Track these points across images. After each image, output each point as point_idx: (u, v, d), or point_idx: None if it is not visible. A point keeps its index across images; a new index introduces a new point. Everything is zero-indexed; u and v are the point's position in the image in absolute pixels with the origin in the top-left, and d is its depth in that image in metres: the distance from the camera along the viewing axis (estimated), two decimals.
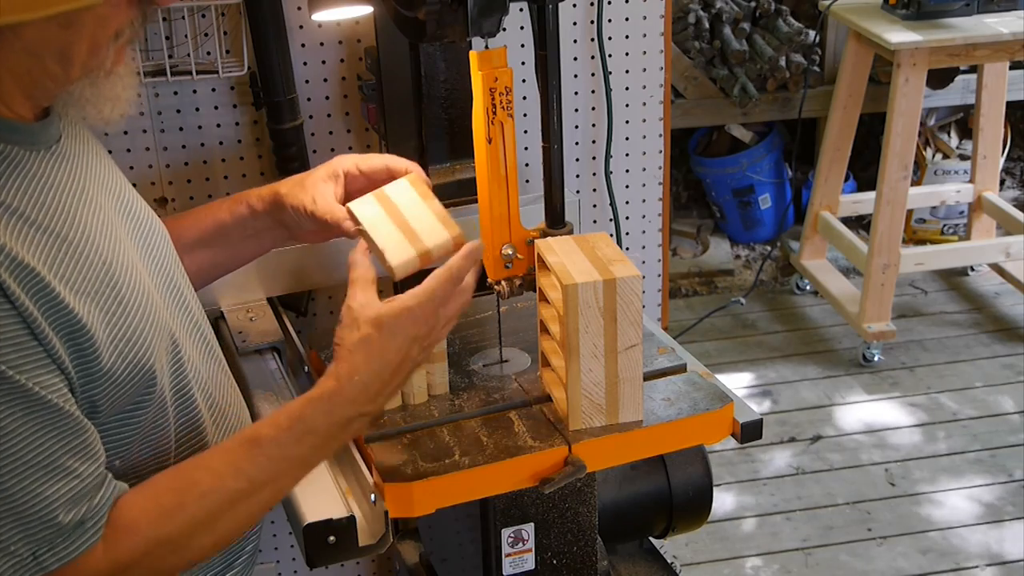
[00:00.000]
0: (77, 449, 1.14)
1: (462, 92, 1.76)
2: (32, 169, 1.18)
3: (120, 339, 1.19)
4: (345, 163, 1.53)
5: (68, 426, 1.13)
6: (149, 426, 1.25)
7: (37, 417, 1.10)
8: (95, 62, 1.17)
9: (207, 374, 1.39)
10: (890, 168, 3.69)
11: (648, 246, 2.28)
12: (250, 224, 1.56)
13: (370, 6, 1.78)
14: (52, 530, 1.12)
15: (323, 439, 1.26)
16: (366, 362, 1.26)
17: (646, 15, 2.11)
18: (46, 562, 1.12)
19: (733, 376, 3.86)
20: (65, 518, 1.12)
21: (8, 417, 1.08)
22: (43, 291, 1.11)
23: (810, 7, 4.42)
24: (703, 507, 1.77)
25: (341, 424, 1.27)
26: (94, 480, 1.15)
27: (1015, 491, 3.29)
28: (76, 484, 1.13)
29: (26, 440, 1.10)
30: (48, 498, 1.11)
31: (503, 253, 1.53)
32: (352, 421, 1.27)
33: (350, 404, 1.26)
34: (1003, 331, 4.09)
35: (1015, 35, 3.56)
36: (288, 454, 1.24)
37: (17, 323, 1.09)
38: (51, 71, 1.15)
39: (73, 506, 1.13)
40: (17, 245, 1.10)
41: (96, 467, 1.16)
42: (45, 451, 1.11)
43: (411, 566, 1.83)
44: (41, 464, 1.11)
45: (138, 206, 1.38)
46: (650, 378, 1.53)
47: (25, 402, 1.09)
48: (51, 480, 1.11)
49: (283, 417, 1.25)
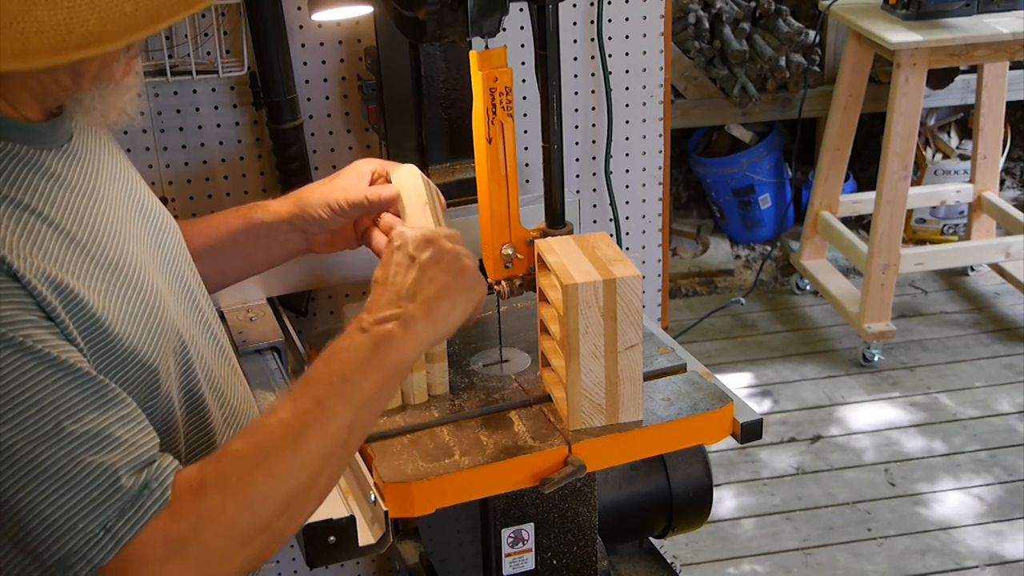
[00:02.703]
0: (125, 419, 1.10)
1: (462, 92, 1.76)
2: (43, 167, 1.18)
3: (129, 335, 1.18)
4: (371, 164, 1.59)
5: (108, 397, 1.09)
6: (159, 426, 1.24)
7: (72, 385, 1.07)
8: (106, 75, 1.18)
9: (218, 372, 1.39)
10: (890, 168, 3.69)
11: (648, 246, 2.28)
12: (264, 232, 1.57)
13: (370, 6, 1.78)
14: (117, 497, 1.07)
15: (376, 355, 1.22)
16: (394, 266, 1.28)
17: (646, 15, 2.11)
18: (119, 532, 1.07)
19: (733, 376, 3.86)
20: (128, 482, 1.07)
21: (47, 395, 1.05)
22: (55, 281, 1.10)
23: (810, 7, 4.42)
24: (703, 507, 1.77)
25: (385, 336, 1.22)
26: (149, 446, 1.11)
27: (1015, 491, 3.28)
28: (131, 451, 1.09)
29: (70, 412, 1.06)
30: (105, 466, 1.07)
31: (503, 253, 1.53)
32: (392, 326, 1.23)
33: (385, 307, 1.25)
34: (1003, 331, 4.09)
35: (1015, 35, 3.56)
36: (344, 394, 1.19)
37: (32, 305, 1.07)
38: (63, 83, 1.16)
39: (134, 472, 1.08)
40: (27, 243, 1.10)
41: (148, 435, 1.12)
42: (91, 421, 1.07)
43: (411, 566, 1.83)
44: (90, 435, 1.07)
45: (151, 204, 1.38)
46: (650, 378, 1.53)
47: (57, 371, 1.06)
48: (105, 450, 1.07)
49: (329, 355, 1.21)
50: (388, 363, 1.22)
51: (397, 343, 1.23)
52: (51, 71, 1.13)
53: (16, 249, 1.08)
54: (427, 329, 1.26)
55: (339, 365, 1.20)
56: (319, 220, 1.56)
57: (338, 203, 1.54)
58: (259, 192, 2.04)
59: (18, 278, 1.07)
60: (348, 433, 1.18)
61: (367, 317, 1.25)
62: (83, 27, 1.04)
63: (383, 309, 1.25)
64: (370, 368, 1.21)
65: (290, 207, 1.57)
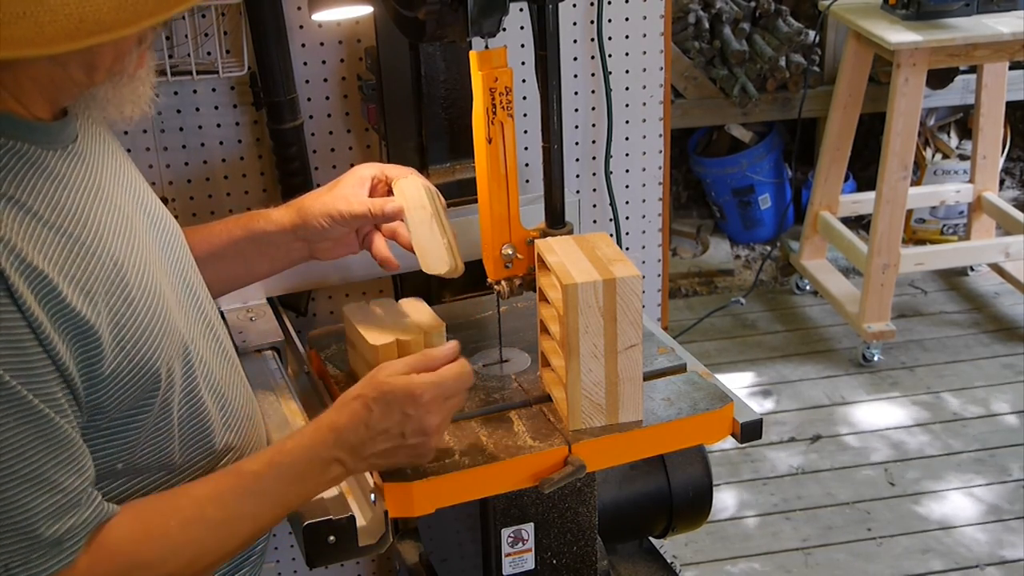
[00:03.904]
0: (65, 462, 1.13)
1: (462, 92, 1.76)
2: (48, 168, 1.18)
3: (127, 340, 1.19)
4: (371, 169, 1.59)
5: (59, 439, 1.12)
6: (152, 428, 1.25)
7: (30, 428, 1.10)
8: (119, 67, 1.18)
9: (219, 374, 1.39)
10: (890, 168, 3.69)
11: (648, 246, 2.28)
12: (266, 241, 1.57)
13: (370, 6, 1.78)
14: (29, 543, 1.11)
15: (300, 480, 1.28)
16: (353, 420, 1.29)
17: (646, 15, 2.11)
18: (16, 574, 1.11)
19: (733, 376, 3.86)
20: (47, 532, 1.11)
21: (2, 426, 1.08)
22: (51, 293, 1.11)
23: (810, 7, 4.42)
24: (703, 507, 1.77)
25: (319, 468, 1.29)
26: (77, 495, 1.14)
27: (1015, 491, 3.29)
28: (60, 498, 1.12)
29: (16, 450, 1.09)
30: (31, 510, 1.10)
31: (503, 253, 1.53)
32: (330, 466, 1.29)
33: (330, 449, 1.28)
34: (1003, 331, 4.09)
35: (1015, 35, 3.56)
36: (267, 489, 1.26)
37: (23, 328, 1.08)
38: (76, 78, 1.16)
39: (56, 520, 1.12)
40: (28, 246, 1.11)
41: (81, 482, 1.15)
42: (34, 462, 1.10)
43: (411, 566, 1.83)
44: (28, 475, 1.10)
45: (155, 205, 1.38)
46: (650, 378, 1.53)
47: (20, 411, 1.09)
48: (36, 492, 1.10)
49: (271, 453, 1.28)
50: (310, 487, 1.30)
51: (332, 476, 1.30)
52: (64, 64, 1.14)
53: (19, 263, 1.09)
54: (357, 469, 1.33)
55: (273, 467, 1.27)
56: (321, 230, 1.55)
57: (340, 214, 1.54)
58: (259, 192, 2.04)
59: (15, 298, 1.08)
60: (259, 528, 1.28)
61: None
62: (96, 14, 1.05)
63: (327, 451, 1.28)
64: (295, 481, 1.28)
65: (292, 216, 1.57)
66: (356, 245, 1.62)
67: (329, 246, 1.60)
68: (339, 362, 1.62)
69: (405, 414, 1.29)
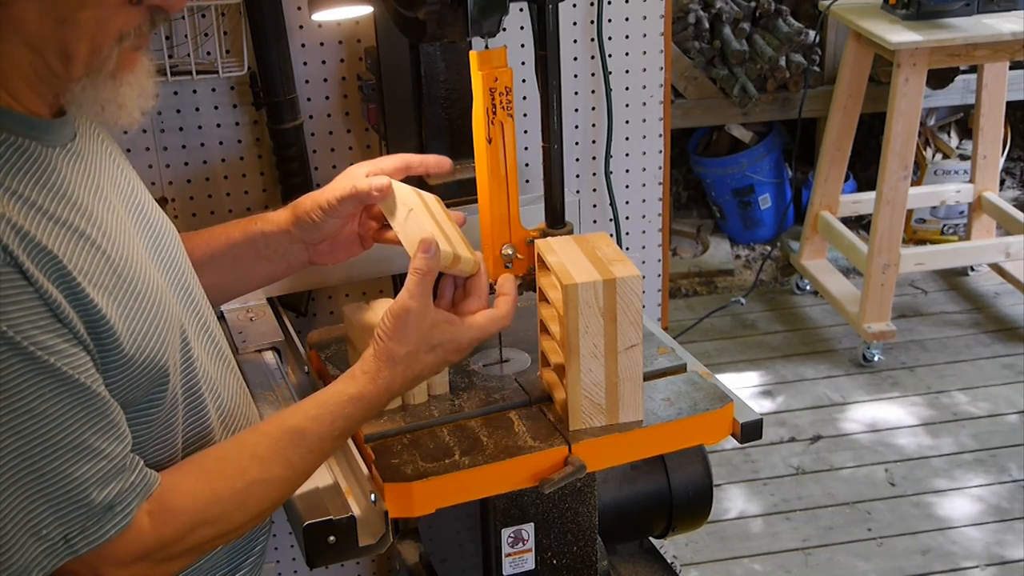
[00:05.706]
0: (105, 429, 1.14)
1: (462, 92, 1.76)
2: (49, 164, 1.19)
3: (136, 332, 1.19)
4: (363, 167, 1.57)
5: (95, 406, 1.13)
6: (161, 426, 1.26)
7: (67, 397, 1.11)
8: (97, 62, 1.18)
9: (216, 375, 1.39)
10: (890, 168, 3.69)
11: (648, 246, 2.28)
12: (264, 243, 1.56)
13: (370, 6, 1.78)
14: (84, 511, 1.13)
15: (349, 434, 1.35)
16: (405, 374, 1.34)
17: (646, 15, 2.11)
18: (76, 545, 1.13)
19: (733, 376, 3.86)
20: (97, 497, 1.13)
21: (37, 398, 1.09)
22: (63, 277, 1.12)
23: (810, 7, 4.42)
24: (703, 507, 1.77)
25: (362, 422, 1.36)
26: (122, 460, 1.16)
27: (1015, 491, 3.29)
28: (105, 464, 1.14)
29: (56, 421, 1.10)
30: (80, 478, 1.12)
31: (503, 253, 1.53)
32: (368, 417, 1.36)
33: (379, 407, 1.35)
34: (1003, 331, 4.09)
35: (1015, 35, 3.56)
36: (326, 448, 1.31)
37: (39, 304, 1.09)
38: (54, 68, 1.16)
39: (105, 485, 1.14)
40: (36, 231, 1.11)
41: (124, 447, 1.17)
42: (75, 432, 1.12)
43: (411, 566, 1.83)
44: (71, 445, 1.11)
45: (150, 208, 1.38)
46: (650, 378, 1.53)
47: (53, 382, 1.10)
48: (82, 460, 1.12)
49: (326, 412, 1.30)
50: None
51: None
52: (40, 51, 1.14)
53: (26, 245, 1.09)
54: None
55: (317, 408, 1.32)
56: (313, 224, 1.54)
57: (328, 202, 1.51)
58: (259, 192, 2.04)
59: (28, 277, 1.08)
60: (307, 479, 1.33)
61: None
62: None
63: (375, 410, 1.35)
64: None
65: (287, 215, 1.56)
66: (357, 246, 1.61)
67: (328, 247, 1.59)
68: (339, 362, 1.62)
69: (448, 350, 1.37)
